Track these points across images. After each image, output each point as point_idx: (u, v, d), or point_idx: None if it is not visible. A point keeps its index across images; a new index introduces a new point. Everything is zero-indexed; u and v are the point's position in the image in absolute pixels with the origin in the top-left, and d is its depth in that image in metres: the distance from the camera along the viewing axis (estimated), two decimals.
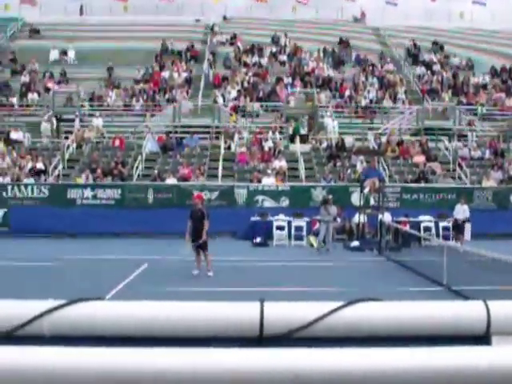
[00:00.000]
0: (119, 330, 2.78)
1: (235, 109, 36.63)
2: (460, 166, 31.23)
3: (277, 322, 2.76)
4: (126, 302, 2.89)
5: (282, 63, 44.69)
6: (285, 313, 2.83)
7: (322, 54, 45.55)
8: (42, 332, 2.79)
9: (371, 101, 39.36)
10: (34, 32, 49.41)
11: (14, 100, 38.35)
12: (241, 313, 2.80)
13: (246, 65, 43.62)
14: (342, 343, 2.52)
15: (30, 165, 29.98)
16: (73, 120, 35.41)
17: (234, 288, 14.50)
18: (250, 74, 41.64)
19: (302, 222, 25.79)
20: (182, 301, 2.92)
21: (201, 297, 12.93)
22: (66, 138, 33.38)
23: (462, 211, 24.83)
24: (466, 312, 2.95)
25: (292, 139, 33.96)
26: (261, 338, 2.71)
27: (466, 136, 35.50)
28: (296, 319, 2.75)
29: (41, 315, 2.77)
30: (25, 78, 40.70)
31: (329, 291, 13.73)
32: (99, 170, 29.33)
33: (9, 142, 32.83)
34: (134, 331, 2.78)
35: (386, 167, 30.85)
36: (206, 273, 17.08)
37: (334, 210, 23.72)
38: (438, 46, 48.60)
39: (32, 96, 38.93)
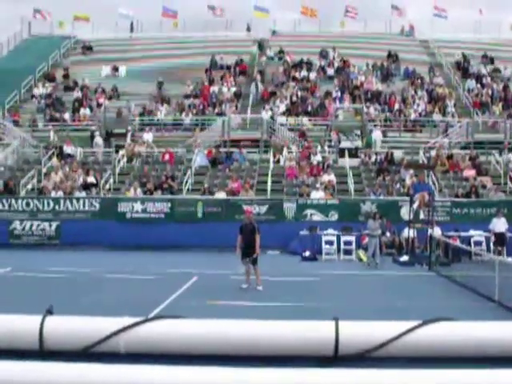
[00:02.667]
0: (195, 348, 2.80)
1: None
2: (511, 179, 30.69)
3: (352, 342, 2.74)
4: (201, 320, 2.90)
5: (331, 77, 44.64)
6: (360, 332, 2.81)
7: (370, 68, 45.39)
8: (118, 349, 2.83)
9: (420, 114, 39.04)
10: (87, 49, 50.35)
11: (67, 115, 39.11)
12: (316, 331, 2.79)
13: (294, 79, 43.68)
14: (417, 363, 2.50)
15: (81, 179, 30.45)
16: (124, 134, 35.88)
17: (285, 303, 14.50)
18: (298, 88, 41.68)
19: (351, 237, 25.62)
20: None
21: (253, 312, 12.97)
22: (117, 152, 33.81)
23: (501, 224, 25.36)
24: None
25: (341, 153, 33.70)
26: (336, 358, 2.70)
27: None
28: (371, 338, 2.73)
29: (117, 332, 2.80)
30: (77, 94, 41.53)
31: (381, 307, 13.62)
32: (149, 184, 29.60)
33: (62, 156, 33.45)
34: (209, 349, 2.79)
35: (435, 181, 30.49)
36: (255, 287, 17.09)
37: (377, 224, 23.58)
38: (488, 59, 47.93)
39: (84, 111, 39.65)
